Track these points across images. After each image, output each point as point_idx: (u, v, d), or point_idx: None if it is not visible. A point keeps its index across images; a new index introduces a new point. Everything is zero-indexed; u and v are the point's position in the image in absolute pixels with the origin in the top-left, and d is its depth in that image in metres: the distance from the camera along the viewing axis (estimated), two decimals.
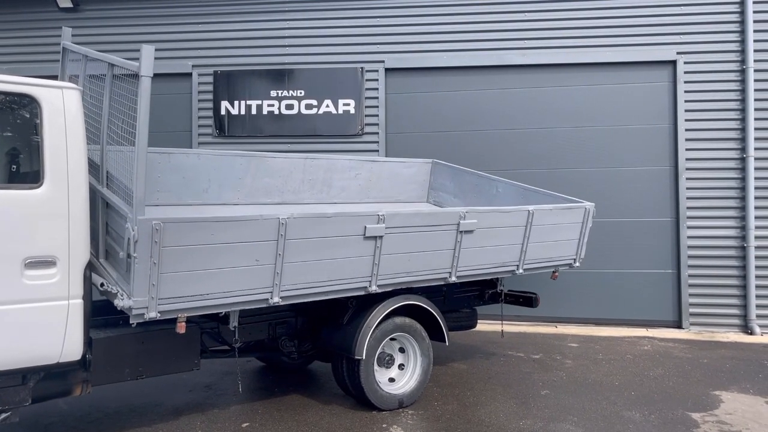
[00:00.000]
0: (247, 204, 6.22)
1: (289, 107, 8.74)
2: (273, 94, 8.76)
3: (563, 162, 8.42)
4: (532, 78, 8.50)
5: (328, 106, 8.69)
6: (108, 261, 4.04)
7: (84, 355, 3.77)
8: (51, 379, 3.77)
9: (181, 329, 3.88)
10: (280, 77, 8.76)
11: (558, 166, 8.42)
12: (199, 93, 8.90)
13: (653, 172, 8.30)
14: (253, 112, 8.78)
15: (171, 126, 8.81)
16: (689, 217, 8.16)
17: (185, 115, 8.95)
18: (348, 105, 8.68)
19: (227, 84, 8.83)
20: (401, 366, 5.20)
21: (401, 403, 5.00)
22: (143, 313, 3.63)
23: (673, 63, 8.23)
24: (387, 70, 8.68)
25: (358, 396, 4.95)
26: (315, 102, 8.71)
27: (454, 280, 5.18)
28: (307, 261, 4.28)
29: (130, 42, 8.67)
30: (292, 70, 8.76)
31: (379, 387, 4.91)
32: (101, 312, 4.18)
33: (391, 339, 5.10)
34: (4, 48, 9.19)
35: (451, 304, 6.00)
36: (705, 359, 6.68)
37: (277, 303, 4.22)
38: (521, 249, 5.56)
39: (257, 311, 4.60)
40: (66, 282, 3.60)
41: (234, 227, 3.93)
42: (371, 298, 4.88)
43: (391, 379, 5.14)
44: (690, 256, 8.15)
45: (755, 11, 8.00)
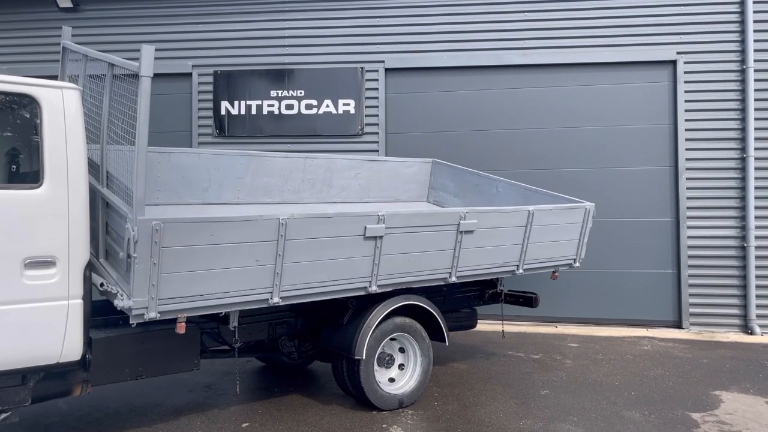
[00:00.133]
0: (247, 203, 6.22)
1: (289, 107, 8.74)
2: (273, 94, 8.76)
3: (563, 162, 8.42)
4: (531, 78, 8.50)
5: (328, 106, 8.69)
6: (108, 261, 4.04)
7: (84, 355, 3.76)
8: (51, 379, 3.76)
9: (181, 329, 3.88)
10: (280, 77, 8.76)
11: (558, 166, 8.42)
12: (199, 93, 8.90)
13: (653, 172, 8.29)
14: (253, 112, 8.78)
15: (171, 126, 8.80)
16: (689, 217, 8.16)
17: (185, 115, 8.94)
18: (348, 105, 8.67)
19: (227, 84, 8.83)
20: (401, 366, 5.20)
21: (401, 403, 5.00)
22: (143, 314, 3.63)
23: (673, 63, 8.23)
24: (387, 70, 8.68)
25: (358, 396, 4.95)
26: (315, 102, 8.71)
27: (454, 280, 5.17)
28: (307, 261, 4.28)
29: (130, 42, 8.67)
30: (292, 70, 8.76)
31: (379, 387, 4.91)
32: (101, 312, 4.18)
33: (391, 339, 5.10)
34: (4, 48, 9.19)
35: (451, 304, 6.00)
36: (705, 359, 6.68)
37: (277, 303, 4.22)
38: (521, 249, 5.56)
39: (257, 311, 4.60)
40: (66, 282, 3.60)
41: (234, 227, 3.93)
42: (371, 298, 4.88)
43: (391, 379, 5.14)
44: (690, 256, 8.15)
45: (755, 11, 8.00)
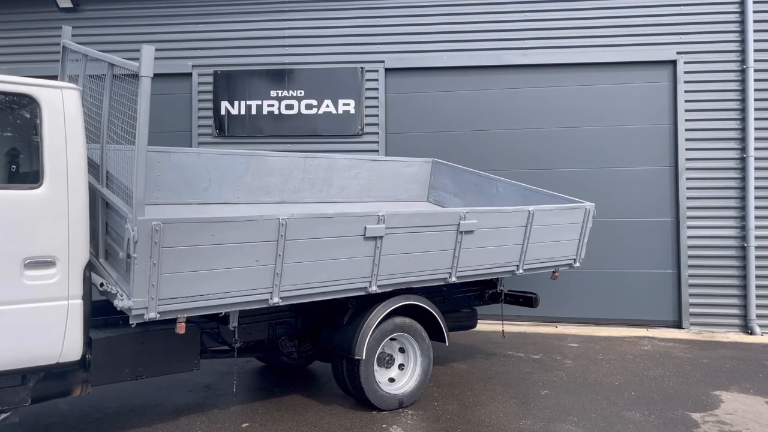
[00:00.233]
0: (247, 203, 6.22)
1: (289, 107, 8.74)
2: (273, 94, 8.76)
3: (563, 162, 8.41)
4: (531, 78, 8.50)
5: (328, 106, 8.69)
6: (108, 261, 4.04)
7: (84, 356, 3.76)
8: (51, 380, 3.76)
9: (181, 329, 3.88)
10: (280, 77, 8.76)
11: (558, 165, 8.42)
12: (199, 93, 8.90)
13: (653, 172, 8.29)
14: (253, 112, 8.78)
15: (171, 126, 8.80)
16: (689, 217, 8.16)
17: (185, 115, 8.94)
18: (348, 105, 8.67)
19: (227, 84, 8.83)
20: (401, 366, 5.20)
21: (401, 403, 4.99)
22: (143, 314, 3.63)
23: (673, 63, 8.23)
24: (387, 70, 8.68)
25: (358, 396, 4.95)
26: (315, 102, 8.70)
27: (454, 280, 5.17)
28: (308, 261, 4.28)
29: (130, 42, 8.67)
30: (292, 70, 8.76)
31: (379, 387, 4.91)
32: (101, 312, 4.17)
33: (391, 339, 5.10)
34: (4, 48, 9.19)
35: (451, 304, 5.99)
36: (705, 359, 6.68)
37: (277, 303, 4.22)
38: (521, 249, 5.56)
39: (257, 311, 4.59)
40: (66, 282, 3.60)
41: (234, 228, 3.92)
42: (371, 298, 4.88)
43: (391, 379, 5.14)
44: (690, 256, 8.15)
45: (755, 11, 8.00)
